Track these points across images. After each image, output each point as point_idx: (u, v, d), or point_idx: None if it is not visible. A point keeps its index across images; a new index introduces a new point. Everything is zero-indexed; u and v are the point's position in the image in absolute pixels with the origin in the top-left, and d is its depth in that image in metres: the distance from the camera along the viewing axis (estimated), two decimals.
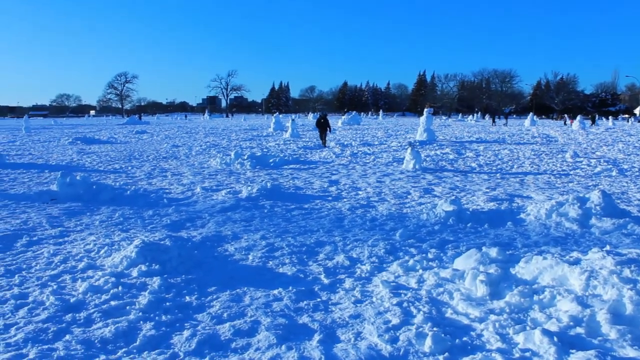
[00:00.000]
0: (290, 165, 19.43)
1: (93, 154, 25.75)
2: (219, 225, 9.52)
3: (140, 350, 4.76)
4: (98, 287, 6.28)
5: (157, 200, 12.00)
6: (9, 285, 6.49)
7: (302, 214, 10.49)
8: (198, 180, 15.42)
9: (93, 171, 18.21)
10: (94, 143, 33.63)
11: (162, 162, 21.15)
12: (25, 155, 25.33)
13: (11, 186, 14.86)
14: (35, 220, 10.11)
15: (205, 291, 6.21)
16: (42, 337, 5.04)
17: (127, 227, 9.45)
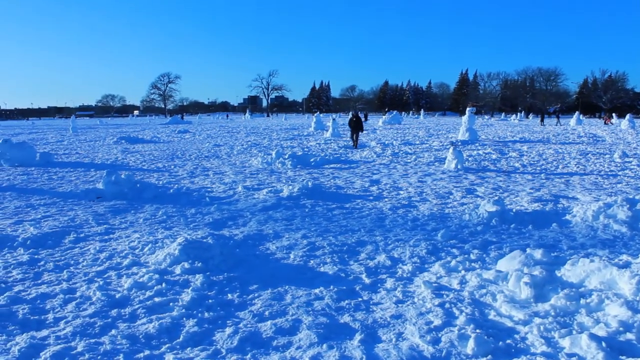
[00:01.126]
0: (331, 164, 19.44)
1: (137, 153, 26.24)
2: (261, 223, 9.59)
3: (183, 347, 4.82)
4: (142, 283, 6.39)
5: (199, 199, 12.15)
6: (58, 280, 6.67)
7: (343, 213, 10.48)
8: (240, 179, 15.56)
9: (137, 170, 18.55)
10: (137, 142, 34.27)
11: (204, 161, 21.41)
12: (72, 155, 25.98)
13: (59, 184, 15.26)
14: (82, 218, 10.36)
15: (247, 289, 6.26)
16: (89, 331, 5.17)
17: (170, 225, 9.60)
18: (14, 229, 9.52)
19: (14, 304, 5.85)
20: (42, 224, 9.85)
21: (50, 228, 9.46)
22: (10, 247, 8.26)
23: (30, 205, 12.03)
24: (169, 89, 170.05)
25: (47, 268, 7.19)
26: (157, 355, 4.68)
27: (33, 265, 7.35)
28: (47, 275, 6.92)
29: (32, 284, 6.54)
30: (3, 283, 6.55)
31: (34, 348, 4.80)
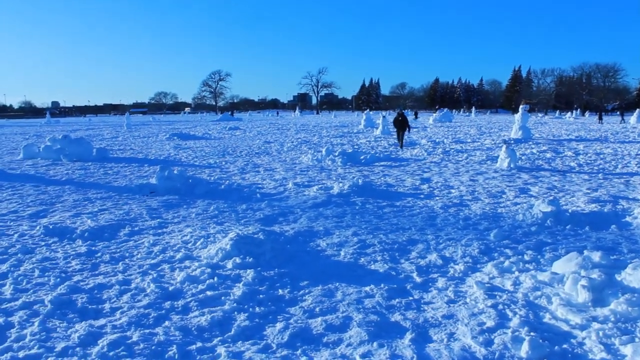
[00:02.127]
0: (382, 162, 19.34)
1: (189, 149, 26.70)
2: (311, 220, 9.62)
3: (235, 340, 4.88)
4: (195, 277, 6.50)
5: (250, 195, 12.28)
6: (114, 271, 6.86)
7: (393, 211, 10.41)
8: (290, 175, 15.65)
9: (189, 166, 18.88)
10: (189, 139, 34.89)
11: (254, 157, 21.63)
12: (126, 150, 26.64)
13: (114, 179, 15.68)
14: (137, 212, 10.61)
15: (297, 285, 6.29)
16: (144, 321, 5.29)
17: (222, 220, 9.73)
18: (73, 221, 9.83)
19: (74, 293, 6.05)
20: (98, 217, 10.14)
21: (106, 221, 9.73)
22: (69, 239, 8.54)
23: (88, 198, 12.40)
24: (219, 87, 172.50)
25: (103, 260, 7.41)
26: (209, 347, 4.75)
27: (90, 256, 7.58)
28: (103, 266, 7.12)
29: (90, 275, 6.75)
30: (63, 273, 6.78)
31: (92, 336, 4.95)
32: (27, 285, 6.39)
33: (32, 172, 18.19)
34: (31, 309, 5.64)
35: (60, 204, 11.78)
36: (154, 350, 4.68)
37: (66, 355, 4.61)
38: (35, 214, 10.71)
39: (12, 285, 6.38)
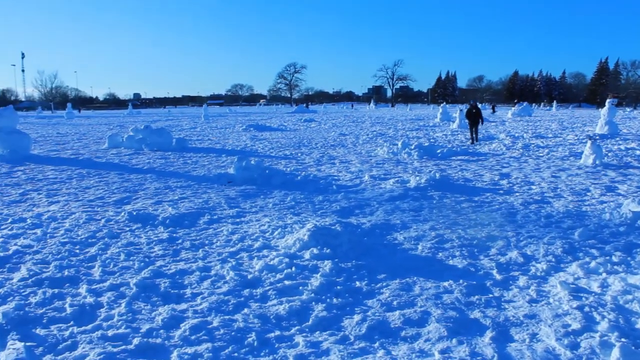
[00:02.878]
0: (459, 156, 18.97)
1: (265, 140, 27.08)
2: (388, 213, 9.55)
3: (312, 330, 4.91)
4: (273, 266, 6.58)
5: (326, 187, 12.32)
6: (195, 258, 7.05)
7: (471, 206, 10.19)
8: (366, 168, 15.60)
9: (265, 156, 19.14)
10: (265, 130, 35.39)
11: (330, 149, 21.70)
12: (205, 141, 27.31)
13: (193, 168, 16.11)
14: (215, 201, 10.86)
15: (374, 278, 6.26)
16: (224, 308, 5.41)
17: (299, 211, 9.81)
18: (155, 208, 10.17)
19: (157, 278, 6.26)
20: (179, 205, 10.44)
21: (186, 209, 10.00)
22: (152, 225, 8.84)
23: (168, 187, 12.80)
24: (295, 79, 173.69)
25: (184, 246, 7.62)
26: (287, 336, 4.79)
27: (172, 242, 7.82)
28: (184, 253, 7.33)
29: (172, 260, 6.96)
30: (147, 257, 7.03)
31: (174, 319, 5.10)
32: (114, 268, 6.66)
33: (116, 160, 18.96)
34: (118, 291, 5.89)
35: (142, 192, 12.21)
36: (233, 336, 4.77)
37: (151, 337, 4.77)
38: (119, 201, 11.15)
39: (101, 267, 6.68)
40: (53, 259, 7.09)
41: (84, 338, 4.78)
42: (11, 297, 5.79)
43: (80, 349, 4.59)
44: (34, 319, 5.25)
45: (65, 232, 8.55)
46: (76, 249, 7.56)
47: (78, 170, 16.24)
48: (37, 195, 12.16)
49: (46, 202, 11.19)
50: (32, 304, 5.59)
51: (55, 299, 5.73)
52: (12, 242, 8.01)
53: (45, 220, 9.41)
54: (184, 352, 4.49)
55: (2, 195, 12.25)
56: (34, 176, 15.19)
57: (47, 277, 6.38)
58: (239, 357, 4.42)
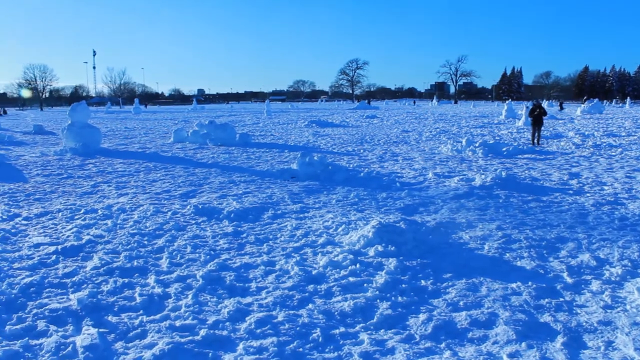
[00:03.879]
0: (525, 154, 18.45)
1: (327, 136, 27.12)
2: (452, 212, 9.38)
3: (377, 328, 4.86)
4: (337, 262, 6.57)
5: (389, 184, 12.22)
6: (259, 252, 7.11)
7: (539, 206, 9.87)
8: (429, 165, 15.39)
9: (328, 152, 19.16)
10: (327, 126, 35.46)
11: (392, 146, 21.52)
12: (267, 136, 27.60)
13: (257, 163, 16.30)
14: (279, 196, 10.94)
15: (440, 277, 6.15)
16: (288, 303, 5.43)
17: (362, 208, 9.76)
18: (220, 202, 10.34)
19: (222, 271, 6.35)
20: (243, 200, 10.57)
21: (250, 203, 10.12)
22: (217, 219, 8.98)
23: (232, 181, 12.99)
24: (356, 75, 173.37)
25: (249, 240, 7.71)
26: (352, 333, 4.77)
27: (237, 236, 7.92)
28: (249, 247, 7.41)
29: (237, 254, 7.05)
30: (212, 250, 7.15)
31: (240, 312, 5.16)
32: (181, 260, 6.80)
33: (181, 154, 19.40)
34: (185, 282, 6.01)
35: (207, 186, 12.44)
36: (298, 331, 4.78)
37: (217, 329, 4.84)
38: (185, 194, 11.39)
39: (168, 259, 6.83)
40: (123, 250, 7.31)
41: (153, 327, 4.90)
42: (85, 284, 6.00)
43: (150, 337, 4.70)
44: (106, 306, 5.42)
45: (134, 223, 8.80)
46: (144, 240, 7.77)
47: (145, 164, 16.71)
48: (107, 187, 12.58)
49: (115, 194, 11.56)
50: (104, 292, 5.77)
51: (125, 288, 5.90)
52: (85, 232, 8.31)
53: (115, 211, 9.71)
54: (249, 345, 4.53)
55: (75, 186, 12.73)
56: (104, 169, 15.73)
57: (118, 266, 6.58)
58: (304, 353, 4.42)
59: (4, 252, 7.28)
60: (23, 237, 8.11)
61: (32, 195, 11.65)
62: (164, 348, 4.44)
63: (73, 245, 7.56)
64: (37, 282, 6.09)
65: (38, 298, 5.67)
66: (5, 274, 6.35)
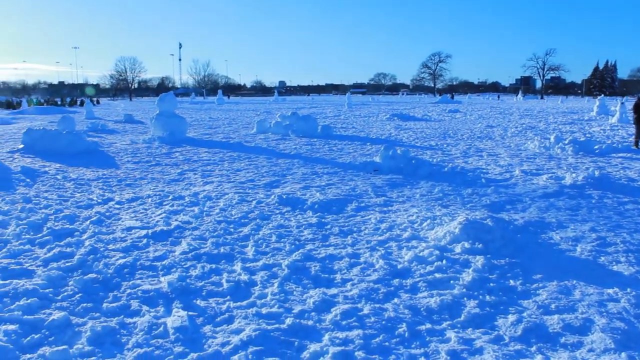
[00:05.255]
0: (620, 153, 17.51)
1: (409, 130, 26.82)
2: (542, 210, 9.03)
3: (465, 326, 4.74)
4: (422, 257, 6.47)
5: (474, 179, 11.92)
6: (344, 244, 7.11)
7: (638, 208, 9.34)
8: (516, 162, 14.90)
9: (410, 146, 18.91)
10: (409, 120, 35.08)
11: (476, 141, 21.02)
12: (349, 128, 27.58)
13: (339, 155, 16.31)
14: (362, 188, 10.90)
15: (529, 277, 5.93)
16: (374, 296, 5.39)
17: (447, 203, 9.57)
18: (303, 193, 10.42)
19: (307, 261, 6.40)
20: (326, 191, 10.60)
21: (334, 195, 10.13)
22: (300, 209, 9.06)
23: (315, 172, 13.06)
24: (439, 68, 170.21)
25: (333, 232, 7.72)
26: (438, 330, 4.67)
27: (321, 227, 7.95)
28: (333, 238, 7.42)
29: (321, 245, 7.08)
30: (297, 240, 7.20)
31: (325, 303, 5.17)
32: (266, 249, 6.90)
33: (264, 145, 19.70)
34: (270, 271, 6.08)
35: (290, 176, 12.56)
36: (384, 325, 4.73)
37: (303, 318, 4.86)
38: (269, 184, 11.55)
39: (254, 247, 6.95)
40: (210, 236, 7.49)
41: (240, 313, 4.98)
42: (174, 268, 6.19)
43: (237, 323, 4.79)
44: (195, 290, 5.56)
45: (220, 211, 9.00)
46: (230, 228, 7.94)
47: (229, 154, 17.08)
48: (193, 175, 12.95)
49: (201, 182, 11.88)
50: (193, 276, 5.93)
51: (212, 273, 6.04)
52: (173, 217, 8.58)
53: (202, 199, 9.97)
54: (335, 336, 4.52)
55: (163, 174, 13.18)
56: (189, 157, 16.21)
57: (205, 252, 6.75)
58: (390, 347, 4.37)
59: (100, 234, 7.63)
60: (116, 221, 8.47)
61: (123, 181, 12.15)
62: (251, 334, 4.51)
63: (162, 230, 7.82)
64: (130, 263, 6.34)
65: (131, 279, 5.90)
66: (101, 255, 6.66)
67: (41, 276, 5.90)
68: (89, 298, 5.37)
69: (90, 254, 6.65)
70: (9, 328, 4.66)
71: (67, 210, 9.12)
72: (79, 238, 7.44)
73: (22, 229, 7.86)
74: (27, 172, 13.16)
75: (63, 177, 12.71)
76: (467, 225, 7.04)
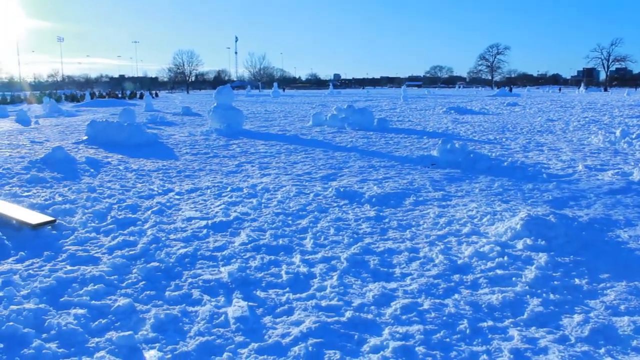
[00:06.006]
0: None
1: (467, 123, 26.36)
2: (608, 207, 8.71)
3: (528, 325, 4.63)
4: (483, 253, 6.35)
5: (535, 175, 11.61)
6: (402, 238, 7.05)
7: None
8: (578, 157, 14.43)
9: (467, 140, 18.58)
10: (466, 113, 34.50)
11: (536, 135, 20.47)
12: (405, 122, 27.34)
13: (395, 149, 16.18)
14: (420, 182, 10.79)
15: (596, 276, 5.73)
16: (433, 291, 5.33)
17: (507, 199, 9.37)
18: (360, 186, 10.39)
19: (366, 254, 6.38)
20: (383, 184, 10.55)
21: (391, 189, 10.06)
22: (358, 202, 9.04)
23: (372, 166, 13.00)
24: (497, 60, 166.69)
25: (391, 226, 7.67)
26: (500, 328, 4.57)
27: (379, 221, 7.91)
28: (391, 232, 7.37)
29: (379, 239, 7.04)
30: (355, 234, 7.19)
31: (385, 297, 5.15)
32: (325, 242, 6.91)
33: (320, 138, 19.74)
34: (329, 264, 6.09)
35: (347, 169, 12.55)
36: (444, 321, 4.67)
37: (362, 312, 4.85)
38: (326, 177, 11.57)
39: (312, 239, 6.97)
40: (268, 228, 7.56)
41: (299, 305, 5.01)
42: (234, 259, 6.27)
43: (296, 315, 4.81)
44: (254, 281, 5.62)
45: (277, 203, 9.07)
46: (289, 220, 7.99)
47: (286, 146, 17.19)
48: (250, 167, 13.10)
49: (259, 174, 12.00)
50: (252, 267, 6.00)
51: (271, 265, 6.09)
52: (232, 208, 8.69)
53: (259, 191, 10.07)
54: (395, 330, 4.49)
55: (221, 165, 13.39)
56: (247, 149, 16.40)
57: (264, 244, 6.82)
58: (450, 343, 4.30)
59: (161, 224, 7.81)
60: (177, 211, 8.65)
61: (182, 172, 12.40)
62: (311, 326, 4.53)
63: (222, 220, 7.94)
64: (191, 253, 6.46)
65: (192, 268, 6.01)
66: (163, 244, 6.81)
67: (106, 263, 6.09)
68: (152, 286, 5.51)
69: (153, 243, 6.81)
70: (78, 312, 4.83)
71: (129, 200, 9.38)
72: (141, 227, 7.64)
73: (87, 218, 8.13)
74: (91, 162, 13.60)
75: (125, 167, 13.08)
76: (529, 222, 6.87)
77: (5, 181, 11.20)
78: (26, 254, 6.48)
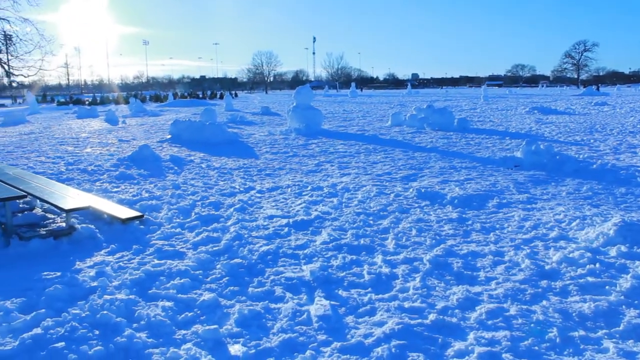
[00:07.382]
0: None
1: (551, 124, 25.42)
2: None
3: (624, 337, 4.39)
4: (572, 259, 6.09)
5: (628, 178, 11.03)
6: (486, 241, 6.88)
7: None
8: None
9: (552, 141, 17.93)
10: (550, 113, 33.27)
11: (628, 136, 19.45)
12: (486, 122, 26.68)
13: (477, 150, 15.82)
14: (503, 184, 10.50)
15: None
16: (520, 296, 5.17)
17: (597, 203, 8.95)
18: (442, 187, 10.22)
19: (449, 256, 6.26)
20: (465, 186, 10.33)
21: (473, 190, 9.83)
22: (440, 204, 8.89)
23: (453, 167, 12.77)
24: (584, 58, 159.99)
25: (474, 228, 7.49)
26: (593, 338, 4.36)
27: (462, 223, 7.75)
28: (474, 234, 7.20)
29: (462, 241, 6.89)
30: (438, 236, 7.07)
31: (469, 301, 5.03)
32: (406, 242, 6.84)
33: (399, 138, 19.58)
34: (412, 265, 6.02)
35: (427, 170, 12.39)
36: (532, 328, 4.51)
37: (446, 315, 4.76)
38: (406, 177, 11.46)
39: (394, 240, 6.92)
40: (349, 227, 7.56)
41: (382, 306, 4.97)
42: (316, 257, 6.31)
43: (379, 315, 4.78)
44: (336, 280, 5.63)
45: (358, 203, 9.06)
46: (370, 220, 7.96)
47: (365, 146, 17.16)
48: (330, 166, 13.15)
49: (338, 174, 12.03)
50: (334, 266, 6.01)
51: (353, 264, 6.08)
52: (313, 207, 8.75)
53: (340, 190, 10.09)
54: (480, 335, 4.37)
55: (301, 164, 13.52)
56: (326, 149, 16.48)
57: (345, 243, 6.82)
58: (539, 352, 4.14)
59: (243, 221, 7.96)
60: (258, 209, 8.80)
61: (263, 171, 12.61)
62: (394, 328, 4.48)
63: (303, 219, 8.01)
64: (273, 251, 6.55)
65: (274, 266, 6.09)
66: (246, 241, 6.94)
67: (191, 258, 6.28)
68: (235, 282, 5.62)
69: (235, 240, 6.95)
70: (166, 304, 5.00)
71: (212, 197, 9.62)
72: (224, 224, 7.82)
73: (173, 214, 8.41)
74: (175, 160, 14.07)
75: (207, 165, 13.44)
76: (623, 227, 6.54)
77: (96, 177, 11.77)
78: (116, 246, 6.78)
